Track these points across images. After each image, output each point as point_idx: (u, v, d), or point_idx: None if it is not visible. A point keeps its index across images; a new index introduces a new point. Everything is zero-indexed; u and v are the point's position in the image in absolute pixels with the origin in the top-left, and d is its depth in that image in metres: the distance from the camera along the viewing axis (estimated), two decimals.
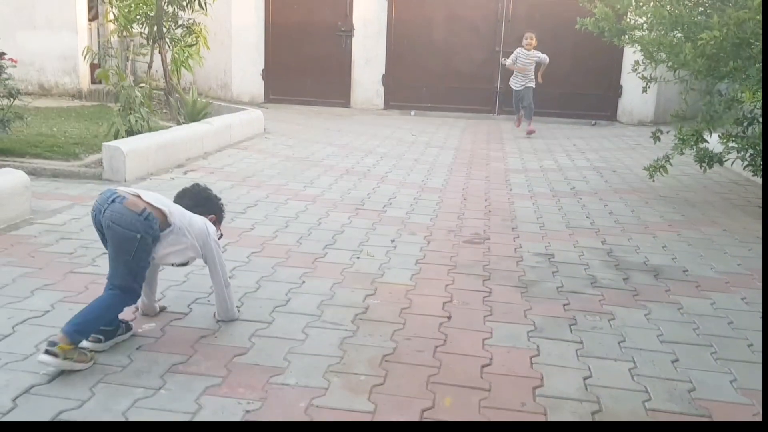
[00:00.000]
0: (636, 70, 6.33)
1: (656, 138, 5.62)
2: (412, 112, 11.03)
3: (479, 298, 3.19)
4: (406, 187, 5.49)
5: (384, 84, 11.26)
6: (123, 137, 5.54)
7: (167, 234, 2.54)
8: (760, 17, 4.40)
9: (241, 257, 3.56)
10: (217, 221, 2.86)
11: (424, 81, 11.05)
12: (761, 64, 4.99)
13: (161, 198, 2.61)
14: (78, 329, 2.35)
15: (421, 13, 10.95)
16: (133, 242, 2.43)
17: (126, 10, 7.28)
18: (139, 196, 2.52)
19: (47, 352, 2.27)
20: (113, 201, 2.46)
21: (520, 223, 4.59)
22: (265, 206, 4.64)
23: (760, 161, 4.93)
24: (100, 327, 2.46)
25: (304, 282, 3.26)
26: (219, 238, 2.78)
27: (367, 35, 11.09)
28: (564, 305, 3.15)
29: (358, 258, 3.65)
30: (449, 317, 2.95)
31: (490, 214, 4.79)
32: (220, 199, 2.94)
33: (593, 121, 10.67)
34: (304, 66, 11.17)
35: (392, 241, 4.00)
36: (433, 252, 3.85)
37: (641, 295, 3.31)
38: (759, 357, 2.69)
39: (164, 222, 2.53)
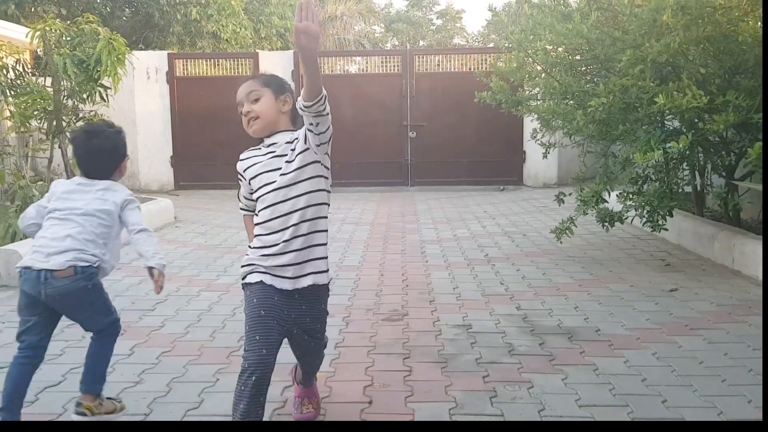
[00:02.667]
0: (535, 137, 6.66)
1: (560, 201, 5.86)
2: None
3: (400, 379, 3.14)
4: None
5: None
6: (22, 239, 5.26)
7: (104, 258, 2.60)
8: (642, 83, 4.73)
9: (150, 359, 3.38)
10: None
11: (337, 157, 11.01)
12: (647, 126, 5.35)
13: (81, 229, 2.56)
14: (92, 383, 2.65)
15: (329, 92, 11.10)
16: (87, 294, 2.54)
17: (23, 106, 7.06)
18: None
19: (77, 413, 2.61)
20: (46, 280, 2.45)
21: (437, 295, 4.61)
22: (175, 300, 4.47)
23: (656, 217, 5.19)
24: (107, 368, 2.67)
25: (218, 380, 3.12)
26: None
27: None
28: (483, 377, 3.14)
29: None
30: (370, 402, 2.89)
31: (407, 288, 4.80)
32: (120, 132, 2.82)
33: (501, 187, 11.06)
34: (214, 150, 11.13)
35: None
36: (352, 333, 3.80)
37: (557, 360, 3.35)
38: (674, 413, 2.75)
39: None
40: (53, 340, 2.46)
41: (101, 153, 2.70)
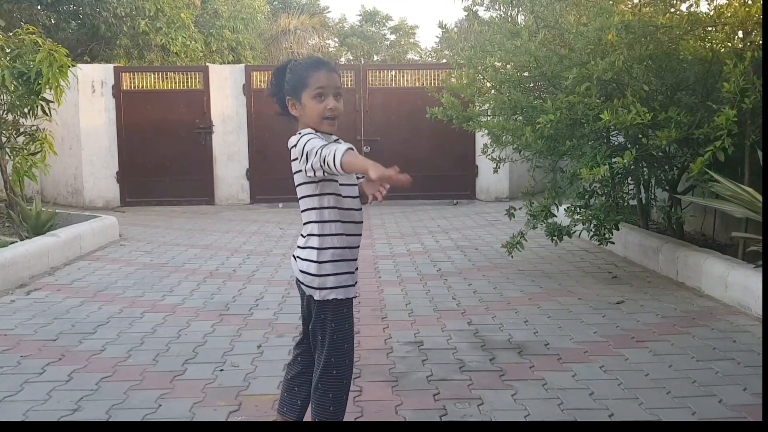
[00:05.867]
0: (485, 152, 6.71)
1: (510, 215, 5.90)
2: (280, 205, 10.99)
3: (349, 399, 3.06)
4: (274, 286, 5.36)
5: (249, 178, 11.20)
6: None
7: None
8: (588, 100, 4.81)
9: (89, 385, 3.25)
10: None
11: (290, 173, 11.05)
12: (593, 141, 5.45)
13: None
14: None
15: None
16: None
17: None
18: None
19: None
20: None
21: (390, 311, 4.58)
22: (118, 323, 4.32)
23: (603, 231, 5.28)
24: None
25: (160, 406, 3.01)
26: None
27: (227, 131, 11.07)
28: (434, 395, 3.11)
29: (221, 371, 3.45)
30: None
31: (360, 305, 4.75)
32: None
33: (455, 201, 11.13)
34: (162, 166, 10.91)
35: (259, 347, 3.84)
36: None
37: (507, 375, 3.35)
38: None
39: None
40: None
41: None
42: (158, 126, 10.88)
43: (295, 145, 2.30)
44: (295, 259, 2.44)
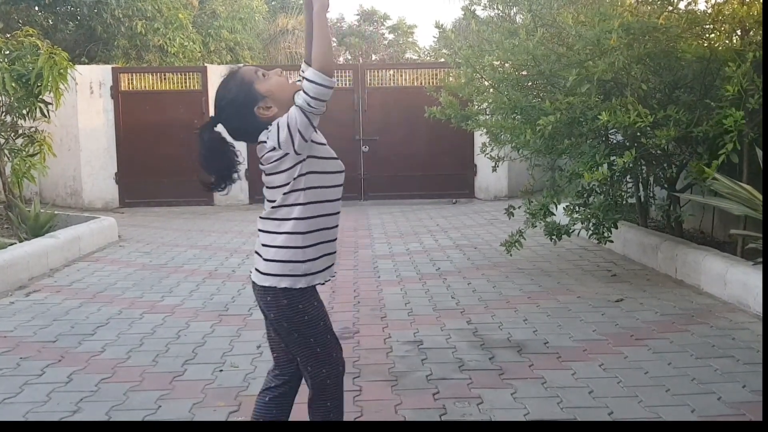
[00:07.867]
0: (484, 151, 6.71)
1: (509, 214, 5.90)
2: None
3: (349, 399, 3.08)
4: None
5: (248, 178, 11.17)
6: None
7: None
8: (587, 99, 4.80)
9: (89, 386, 3.25)
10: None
11: None
12: (591, 140, 5.45)
13: None
14: None
15: None
16: None
17: None
18: None
19: None
20: None
21: (389, 311, 4.58)
22: (117, 324, 4.32)
23: (602, 229, 5.28)
24: None
25: (160, 406, 3.02)
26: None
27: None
28: (434, 394, 3.12)
29: (221, 371, 3.45)
30: None
31: (359, 305, 4.75)
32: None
33: (454, 200, 11.13)
34: (161, 166, 10.89)
35: (258, 347, 3.84)
36: None
37: (507, 374, 3.36)
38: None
39: None
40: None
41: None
42: (157, 127, 10.86)
43: (266, 139, 2.11)
44: (261, 257, 2.16)
